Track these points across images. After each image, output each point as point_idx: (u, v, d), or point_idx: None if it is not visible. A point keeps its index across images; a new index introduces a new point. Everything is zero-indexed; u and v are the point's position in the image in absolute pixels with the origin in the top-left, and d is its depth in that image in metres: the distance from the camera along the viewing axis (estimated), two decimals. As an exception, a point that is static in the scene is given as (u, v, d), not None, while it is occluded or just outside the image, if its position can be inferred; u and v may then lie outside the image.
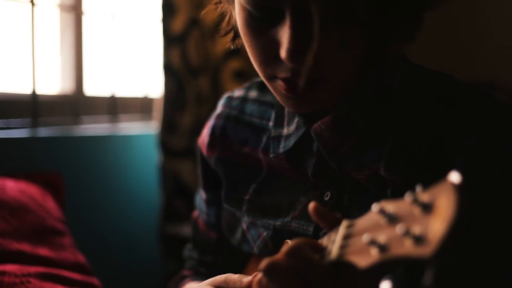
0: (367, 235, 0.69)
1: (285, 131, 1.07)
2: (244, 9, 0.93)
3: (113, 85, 2.38)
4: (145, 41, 2.54)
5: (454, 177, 0.64)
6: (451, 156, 0.93)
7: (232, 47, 1.08)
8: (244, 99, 1.18)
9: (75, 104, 2.21)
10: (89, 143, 2.15)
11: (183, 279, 1.30)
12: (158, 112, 2.39)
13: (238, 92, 1.20)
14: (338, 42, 0.88)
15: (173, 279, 1.33)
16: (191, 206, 2.45)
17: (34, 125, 1.99)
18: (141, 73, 2.53)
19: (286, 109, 1.08)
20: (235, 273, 1.20)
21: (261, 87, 1.17)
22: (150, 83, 2.56)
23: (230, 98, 1.21)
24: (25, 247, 1.50)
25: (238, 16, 0.95)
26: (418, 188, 0.68)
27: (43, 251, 1.53)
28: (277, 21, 0.90)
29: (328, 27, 0.85)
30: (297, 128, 1.05)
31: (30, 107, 1.99)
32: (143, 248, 2.38)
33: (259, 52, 0.94)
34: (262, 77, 0.97)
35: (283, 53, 0.88)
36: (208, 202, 1.24)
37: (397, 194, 0.95)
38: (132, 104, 2.50)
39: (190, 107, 2.42)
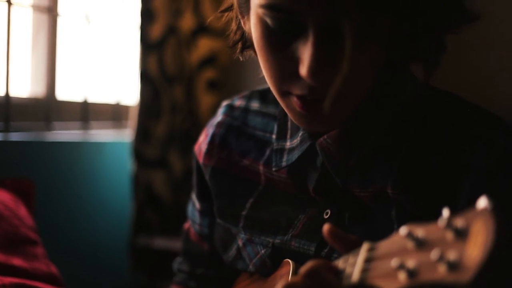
0: (397, 259, 0.67)
1: (288, 144, 1.05)
2: (262, 21, 0.89)
3: (86, 90, 2.32)
4: (120, 47, 2.49)
5: (486, 202, 0.63)
6: (460, 177, 0.92)
7: (241, 59, 1.05)
8: (246, 110, 1.15)
9: (47, 108, 2.15)
10: (60, 149, 2.09)
11: None
12: (132, 119, 2.34)
13: (238, 101, 1.17)
14: (365, 62, 0.86)
15: None
16: (163, 217, 2.43)
17: (7, 129, 1.93)
18: (115, 79, 2.48)
19: (289, 122, 1.06)
20: None
21: (263, 97, 1.15)
22: (123, 89, 2.51)
23: (231, 107, 1.17)
24: (-1, 256, 1.44)
25: (254, 28, 0.92)
26: (446, 212, 0.66)
27: (17, 261, 1.48)
28: (298, 36, 0.86)
29: (358, 46, 0.82)
30: (301, 141, 1.02)
31: (3, 110, 1.92)
32: (113, 259, 2.32)
33: (275, 67, 0.90)
34: (275, 92, 0.94)
35: (303, 70, 0.85)
36: (202, 212, 1.20)
37: (402, 215, 0.94)
38: (103, 110, 2.45)
39: (165, 116, 2.38)
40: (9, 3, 1.92)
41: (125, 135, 2.42)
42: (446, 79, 1.03)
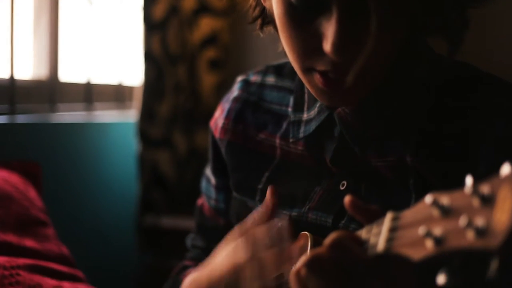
0: (423, 227, 0.67)
1: (305, 116, 1.05)
2: None
3: (89, 71, 2.32)
4: (122, 27, 2.48)
5: (511, 168, 0.63)
6: (479, 146, 0.92)
7: (261, 35, 1.05)
8: (261, 85, 1.15)
9: (51, 90, 2.14)
10: (65, 131, 2.09)
11: (184, 269, 1.26)
12: (137, 100, 2.34)
13: (254, 77, 1.17)
14: (389, 37, 0.86)
15: (173, 271, 1.29)
16: (169, 197, 2.43)
17: (12, 111, 1.93)
18: (117, 60, 2.47)
19: (306, 94, 1.06)
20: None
21: (278, 71, 1.15)
22: (126, 70, 2.50)
23: (246, 82, 1.17)
24: (11, 238, 1.44)
25: (277, 5, 0.92)
26: (470, 180, 0.66)
27: (29, 243, 1.48)
28: (321, 12, 0.87)
29: (383, 21, 0.83)
30: (319, 112, 1.02)
31: (8, 93, 1.92)
32: (120, 239, 2.33)
33: (298, 43, 0.90)
34: (297, 68, 0.94)
35: (327, 46, 0.85)
36: (218, 187, 1.20)
37: (420, 184, 0.94)
38: (107, 91, 2.44)
39: (169, 95, 2.38)
40: (12, -15, 1.92)
41: (129, 116, 2.42)
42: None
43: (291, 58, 0.94)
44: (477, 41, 0.97)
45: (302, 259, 0.78)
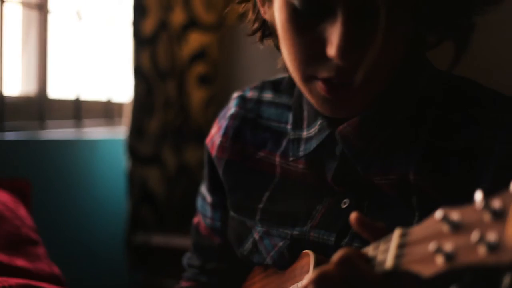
0: (434, 243, 0.66)
1: (305, 133, 1.04)
2: (288, 4, 0.89)
3: (78, 87, 2.30)
4: (111, 43, 2.47)
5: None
6: (482, 162, 0.92)
7: (261, 47, 1.05)
8: (259, 101, 1.14)
9: (39, 107, 2.13)
10: (55, 148, 2.08)
11: None
12: (126, 116, 2.33)
13: (250, 93, 1.16)
14: (394, 42, 0.86)
15: None
16: (159, 214, 2.41)
17: (1, 129, 1.91)
18: (106, 76, 2.46)
19: (305, 111, 1.05)
20: (238, 283, 1.16)
21: (275, 87, 1.14)
22: (115, 86, 2.49)
23: (243, 99, 1.16)
24: (3, 257, 1.42)
25: (279, 12, 0.91)
26: (480, 195, 0.65)
27: (20, 262, 1.46)
28: (325, 17, 0.86)
29: (390, 25, 0.83)
30: (319, 130, 1.01)
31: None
32: (110, 257, 2.31)
33: (301, 50, 0.90)
34: (298, 77, 0.93)
35: (332, 50, 0.85)
36: (214, 205, 1.19)
37: (423, 202, 0.93)
38: (95, 108, 2.43)
39: (158, 111, 2.37)
40: (2, 1, 1.90)
41: (118, 132, 2.40)
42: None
43: (293, 66, 0.93)
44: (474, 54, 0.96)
45: (309, 276, 0.77)
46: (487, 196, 0.64)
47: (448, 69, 0.96)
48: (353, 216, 0.79)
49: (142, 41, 2.29)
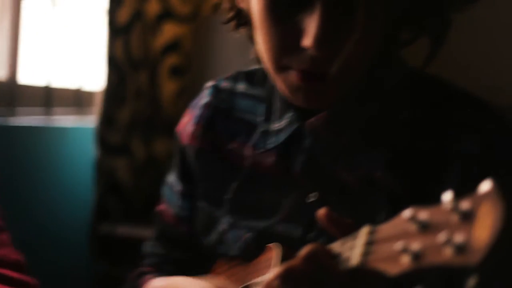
0: (401, 242, 0.66)
1: (275, 126, 1.04)
2: None
3: (49, 74, 2.28)
4: (85, 31, 2.44)
5: (491, 185, 0.62)
6: (448, 162, 0.93)
7: (236, 36, 1.05)
8: (232, 92, 1.14)
9: (9, 93, 2.10)
10: (23, 134, 2.05)
11: (142, 275, 1.23)
12: (97, 105, 2.31)
13: (224, 83, 1.16)
14: (372, 34, 0.87)
15: (129, 277, 1.26)
16: (125, 205, 2.40)
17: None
18: (78, 64, 2.43)
19: (277, 103, 1.05)
20: (202, 273, 1.16)
21: (249, 79, 1.14)
22: (87, 74, 2.46)
23: (217, 89, 1.15)
24: (-35, 242, 1.40)
25: (256, 1, 0.92)
26: (449, 196, 0.65)
27: (-17, 248, 1.44)
28: (303, 8, 0.87)
29: (368, 17, 0.84)
30: (289, 123, 1.01)
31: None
32: (75, 247, 2.29)
33: (277, 39, 0.90)
34: (272, 66, 0.94)
35: (308, 41, 0.86)
36: (183, 194, 1.18)
37: (389, 199, 0.94)
38: (66, 95, 2.40)
39: (129, 101, 2.35)
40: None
41: (88, 121, 2.38)
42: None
43: (267, 56, 0.94)
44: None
45: (275, 271, 0.77)
46: (456, 197, 0.65)
47: (423, 66, 0.97)
48: (321, 211, 0.80)
49: (116, 30, 2.27)
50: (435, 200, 0.69)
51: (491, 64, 2.59)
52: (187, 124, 1.16)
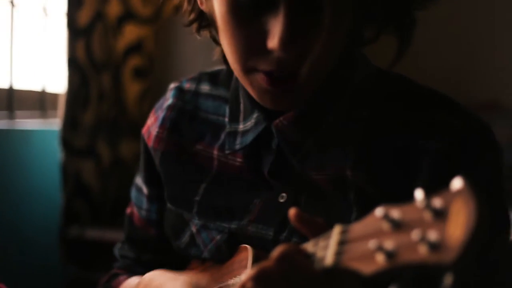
0: (374, 240, 0.66)
1: (241, 127, 1.03)
2: None
3: (11, 77, 2.25)
4: (46, 33, 2.41)
5: (462, 182, 0.63)
6: (416, 159, 0.93)
7: (198, 38, 1.04)
8: (196, 93, 1.13)
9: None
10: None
11: (115, 277, 1.22)
12: (60, 107, 2.28)
13: (187, 84, 1.15)
14: (339, 34, 0.87)
15: (101, 280, 1.25)
16: (93, 208, 2.38)
17: None
18: (40, 66, 2.41)
19: (241, 104, 1.05)
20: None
21: (212, 79, 1.13)
22: (50, 77, 2.43)
23: (180, 90, 1.14)
24: None
25: (219, 3, 0.90)
26: (421, 193, 0.66)
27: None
28: (267, 9, 0.86)
29: (335, 18, 0.84)
30: (256, 124, 1.01)
31: None
32: (43, 251, 2.26)
33: (242, 42, 0.89)
34: (238, 69, 0.93)
35: (273, 42, 0.85)
36: (150, 197, 1.17)
37: (360, 198, 0.94)
38: (29, 97, 2.37)
39: (93, 103, 2.33)
40: None
41: (53, 123, 2.35)
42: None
43: (233, 59, 0.93)
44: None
45: (248, 273, 0.76)
46: (427, 195, 0.65)
47: (390, 65, 0.97)
48: (291, 211, 0.79)
49: (77, 32, 2.25)
50: (406, 197, 0.70)
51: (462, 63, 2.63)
52: (151, 126, 1.15)
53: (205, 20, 1.00)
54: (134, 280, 1.14)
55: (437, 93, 0.99)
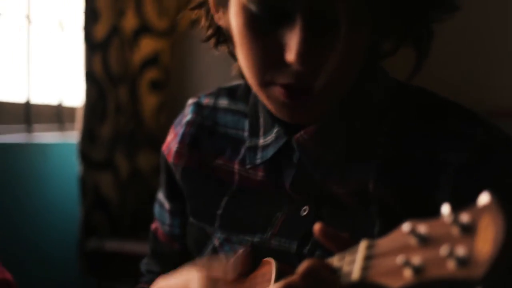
0: (402, 256, 0.66)
1: (262, 141, 1.04)
2: (245, 9, 0.88)
3: (28, 91, 2.27)
4: (63, 47, 2.43)
5: (490, 197, 0.63)
6: (438, 172, 0.93)
7: (217, 53, 1.04)
8: (215, 108, 1.13)
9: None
10: (4, 152, 2.04)
11: None
12: (78, 121, 2.30)
13: (206, 100, 1.15)
14: (356, 47, 0.87)
15: None
16: (112, 220, 2.39)
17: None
18: (58, 80, 2.42)
19: (261, 119, 1.05)
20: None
21: (231, 94, 1.13)
22: (67, 90, 2.45)
23: (199, 106, 1.15)
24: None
25: (236, 17, 0.90)
26: (447, 208, 0.65)
27: (-29, 270, 1.42)
28: (284, 23, 0.86)
29: (351, 30, 0.84)
30: (276, 138, 1.01)
31: None
32: (63, 264, 2.28)
33: (259, 56, 0.89)
34: (256, 83, 0.92)
35: (291, 56, 0.85)
36: (172, 212, 1.18)
37: (382, 212, 0.94)
38: (47, 111, 2.39)
39: (110, 116, 2.35)
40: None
41: (70, 137, 2.37)
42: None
43: (250, 72, 0.92)
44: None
45: (274, 286, 0.76)
46: (454, 210, 0.65)
47: (409, 78, 0.97)
48: (316, 226, 0.79)
49: (93, 46, 2.27)
50: (429, 210, 0.69)
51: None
52: (171, 142, 1.15)
53: (222, 35, 1.00)
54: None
55: (458, 105, 0.99)
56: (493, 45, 2.70)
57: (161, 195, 1.22)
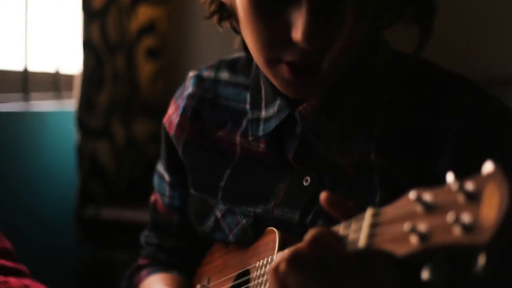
0: (408, 223, 0.68)
1: (264, 113, 1.04)
2: None
3: (25, 59, 2.26)
4: (60, 15, 2.42)
5: (494, 166, 0.64)
6: (440, 142, 0.94)
7: (220, 30, 1.04)
8: (215, 81, 1.13)
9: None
10: (2, 120, 2.04)
11: (139, 270, 1.25)
12: (76, 89, 2.30)
13: (206, 72, 1.15)
14: (362, 25, 0.87)
15: (127, 271, 1.27)
16: (108, 188, 2.40)
17: None
18: (55, 48, 2.42)
19: (263, 91, 1.05)
20: (197, 259, 1.17)
21: (231, 67, 1.13)
22: (64, 58, 2.45)
23: (200, 78, 1.15)
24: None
25: None
26: (452, 177, 0.67)
27: (-30, 237, 1.44)
28: (289, 2, 0.87)
29: (359, 9, 0.85)
30: (279, 110, 1.01)
31: None
32: (59, 231, 2.29)
33: (265, 34, 0.90)
34: (261, 60, 0.93)
35: (297, 35, 0.86)
36: (172, 184, 1.19)
37: (384, 181, 0.95)
38: (44, 79, 2.39)
39: (108, 85, 2.35)
40: None
41: (68, 105, 2.37)
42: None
43: (256, 50, 0.93)
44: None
45: (282, 254, 0.77)
46: (459, 178, 0.66)
47: (414, 54, 0.97)
48: (322, 195, 0.80)
49: (91, 14, 2.27)
50: (430, 178, 0.70)
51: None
52: (172, 115, 1.16)
53: (226, 11, 1.00)
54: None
55: (458, 75, 0.99)
56: (496, 13, 2.69)
57: (160, 167, 1.22)
